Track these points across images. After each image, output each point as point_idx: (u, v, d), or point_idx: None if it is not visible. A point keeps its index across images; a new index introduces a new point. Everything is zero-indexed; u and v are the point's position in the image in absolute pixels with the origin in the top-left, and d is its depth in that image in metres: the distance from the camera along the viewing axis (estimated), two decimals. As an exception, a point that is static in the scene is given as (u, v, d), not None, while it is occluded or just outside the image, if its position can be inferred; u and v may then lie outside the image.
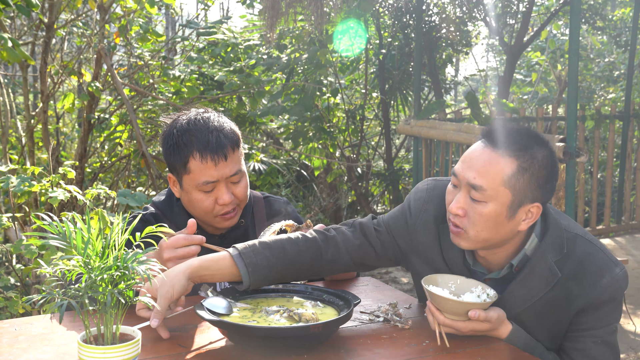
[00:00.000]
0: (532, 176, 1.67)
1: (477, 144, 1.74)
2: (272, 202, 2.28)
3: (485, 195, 1.66)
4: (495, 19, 7.42)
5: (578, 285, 1.72)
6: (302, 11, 6.40)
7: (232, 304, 1.70)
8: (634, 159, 6.79)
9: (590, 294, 1.71)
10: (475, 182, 1.67)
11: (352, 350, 1.62)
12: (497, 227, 1.69)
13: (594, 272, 1.71)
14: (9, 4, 3.30)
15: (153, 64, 5.37)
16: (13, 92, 6.86)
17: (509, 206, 1.67)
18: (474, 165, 1.69)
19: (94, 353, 1.37)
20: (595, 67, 10.79)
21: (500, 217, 1.67)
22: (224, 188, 2.02)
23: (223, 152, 1.99)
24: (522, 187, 1.66)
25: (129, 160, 5.50)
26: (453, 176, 1.74)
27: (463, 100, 12.36)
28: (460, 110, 8.63)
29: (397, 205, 2.01)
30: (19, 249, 2.81)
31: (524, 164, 1.66)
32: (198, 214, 2.08)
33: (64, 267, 1.36)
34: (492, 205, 1.67)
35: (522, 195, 1.67)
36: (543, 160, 1.68)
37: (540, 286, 1.73)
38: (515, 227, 1.71)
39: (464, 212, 1.70)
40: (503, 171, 1.65)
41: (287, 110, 6.37)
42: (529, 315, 1.76)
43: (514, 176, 1.65)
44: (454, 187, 1.75)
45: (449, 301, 1.65)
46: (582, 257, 1.73)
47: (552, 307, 1.75)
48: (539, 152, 1.68)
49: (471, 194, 1.68)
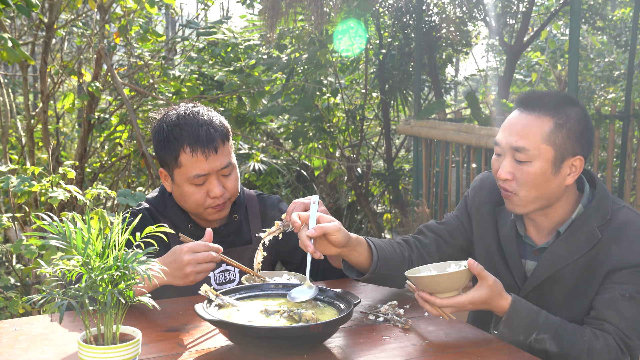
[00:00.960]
0: (570, 131, 1.80)
1: (513, 112, 1.87)
2: (265, 199, 2.30)
3: (529, 154, 1.79)
4: (495, 19, 7.42)
5: (616, 246, 1.79)
6: (302, 11, 6.40)
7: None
8: (634, 159, 6.79)
9: (627, 253, 1.78)
10: (518, 145, 1.80)
11: (352, 350, 1.62)
12: (545, 183, 1.81)
13: (633, 235, 1.81)
14: (9, 4, 3.30)
15: (153, 64, 5.37)
16: (13, 92, 6.86)
17: (553, 162, 1.80)
18: (514, 130, 1.82)
19: (94, 353, 1.37)
20: (595, 67, 10.79)
21: (547, 173, 1.80)
22: (215, 181, 2.04)
23: (213, 145, 2.02)
24: (561, 142, 1.79)
25: (129, 160, 5.50)
26: (496, 146, 1.88)
27: (463, 100, 12.35)
28: (460, 110, 8.64)
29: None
30: (19, 249, 2.81)
31: (560, 121, 1.80)
32: (190, 207, 2.10)
33: (64, 267, 1.36)
34: (537, 163, 1.80)
35: (563, 150, 1.80)
36: (577, 116, 1.82)
37: (580, 246, 1.82)
38: (562, 183, 1.83)
39: (512, 176, 1.83)
40: (542, 130, 1.79)
41: (287, 110, 6.37)
42: (568, 275, 1.84)
43: (552, 133, 1.79)
44: (498, 156, 1.88)
45: (442, 276, 1.67)
46: (624, 222, 1.82)
47: (591, 269, 1.82)
48: (571, 109, 1.82)
49: (516, 157, 1.81)
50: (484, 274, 1.69)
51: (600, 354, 1.71)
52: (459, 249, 2.07)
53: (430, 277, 1.69)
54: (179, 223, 2.13)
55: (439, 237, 2.06)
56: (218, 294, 1.71)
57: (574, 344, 1.71)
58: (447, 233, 2.07)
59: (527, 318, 1.72)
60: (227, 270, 2.16)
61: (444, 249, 2.05)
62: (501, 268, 1.97)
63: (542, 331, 1.70)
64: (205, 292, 1.69)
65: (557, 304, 1.87)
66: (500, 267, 1.97)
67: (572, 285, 1.84)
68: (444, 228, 2.08)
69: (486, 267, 1.92)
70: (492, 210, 2.01)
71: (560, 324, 1.74)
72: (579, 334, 1.74)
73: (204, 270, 1.83)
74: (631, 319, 1.75)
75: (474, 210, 2.05)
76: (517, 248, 1.94)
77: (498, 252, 1.98)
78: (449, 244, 2.06)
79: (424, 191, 6.13)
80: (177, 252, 1.83)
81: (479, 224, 2.03)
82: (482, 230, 2.02)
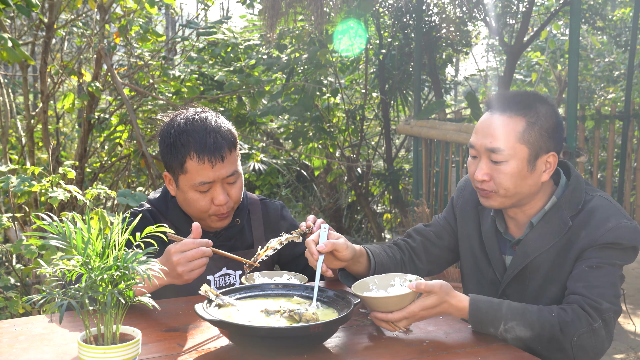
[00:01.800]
0: (542, 128, 1.85)
1: (484, 115, 1.92)
2: (268, 204, 2.29)
3: (505, 154, 1.84)
4: (495, 19, 7.42)
5: (585, 230, 1.84)
6: (302, 11, 6.40)
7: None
8: (634, 159, 6.79)
9: (595, 236, 1.82)
10: (493, 146, 1.85)
11: (353, 351, 1.62)
12: (522, 181, 1.86)
13: (600, 218, 1.84)
14: (9, 4, 3.30)
15: (153, 64, 5.36)
16: (13, 92, 6.86)
17: (528, 160, 1.85)
18: (487, 132, 1.87)
19: (94, 353, 1.37)
20: (595, 67, 10.79)
21: (523, 171, 1.85)
22: (220, 189, 2.03)
23: (220, 154, 2.00)
24: (535, 139, 1.84)
25: (129, 160, 5.50)
26: (471, 148, 1.91)
27: (463, 100, 12.36)
28: (460, 110, 8.64)
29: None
30: (19, 249, 2.81)
31: (531, 119, 1.85)
32: (193, 213, 2.09)
33: (64, 267, 1.36)
34: (512, 162, 1.84)
35: (537, 147, 1.85)
36: (547, 113, 1.87)
37: (553, 235, 1.88)
38: (538, 179, 1.88)
39: (489, 177, 1.88)
40: (515, 129, 1.84)
41: (287, 110, 6.37)
42: (543, 263, 1.89)
43: (525, 132, 1.84)
44: (474, 158, 1.92)
45: (394, 298, 1.68)
46: (592, 208, 1.87)
47: (562, 255, 1.87)
48: (541, 107, 1.87)
49: (491, 158, 1.86)
50: (429, 287, 1.70)
51: (572, 325, 1.72)
52: (446, 249, 2.15)
53: (379, 298, 1.70)
54: (181, 225, 2.12)
55: (426, 239, 2.14)
56: (218, 294, 1.71)
57: (544, 323, 1.73)
58: (433, 235, 2.14)
59: (490, 311, 1.73)
60: (227, 274, 2.16)
61: (431, 251, 2.14)
62: (483, 264, 2.03)
63: (509, 320, 1.72)
64: (206, 292, 1.69)
65: (535, 293, 1.92)
66: (482, 263, 2.03)
67: (547, 272, 1.89)
68: (430, 230, 2.15)
69: (470, 264, 2.06)
70: (475, 208, 2.07)
71: (524, 308, 1.76)
72: (546, 311, 1.75)
73: (196, 267, 1.80)
74: (600, 285, 1.78)
75: (459, 211, 2.12)
76: (497, 244, 2.00)
77: (480, 248, 2.04)
78: (435, 246, 2.14)
79: (424, 191, 6.13)
80: (167, 253, 1.82)
81: (463, 222, 2.10)
82: (466, 229, 2.09)
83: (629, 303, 4.87)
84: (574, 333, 1.72)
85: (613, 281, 1.80)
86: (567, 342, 1.72)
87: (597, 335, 1.74)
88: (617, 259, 1.82)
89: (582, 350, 1.73)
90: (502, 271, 1.98)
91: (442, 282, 1.72)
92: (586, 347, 1.73)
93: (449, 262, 2.19)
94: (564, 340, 1.72)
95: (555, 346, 1.73)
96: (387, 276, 1.84)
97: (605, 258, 1.81)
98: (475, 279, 2.06)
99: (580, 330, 1.72)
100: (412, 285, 1.69)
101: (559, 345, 1.72)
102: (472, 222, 2.07)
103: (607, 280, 1.79)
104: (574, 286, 1.81)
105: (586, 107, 6.96)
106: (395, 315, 1.69)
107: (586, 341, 1.73)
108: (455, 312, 1.74)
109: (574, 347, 1.73)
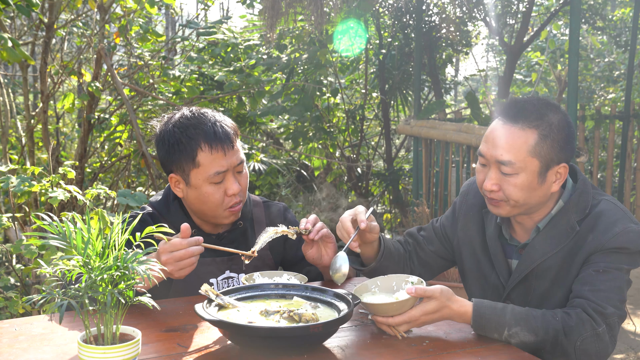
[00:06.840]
0: (554, 140, 1.81)
1: (495, 122, 1.87)
2: (271, 206, 2.29)
3: (515, 167, 1.81)
4: (495, 19, 7.42)
5: (592, 235, 1.82)
6: (302, 11, 6.40)
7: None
8: (634, 159, 6.79)
9: (602, 240, 1.80)
10: (503, 159, 1.81)
11: (352, 351, 1.62)
12: (532, 192, 1.84)
13: (607, 222, 1.83)
14: (9, 3, 3.30)
15: (153, 64, 5.36)
16: (13, 92, 6.86)
17: (539, 172, 1.82)
18: (498, 143, 1.83)
19: (94, 353, 1.37)
20: (595, 67, 10.79)
21: (533, 183, 1.82)
22: (232, 177, 2.05)
23: (230, 140, 2.04)
24: (546, 152, 1.81)
25: (129, 160, 5.50)
26: (480, 156, 1.89)
27: (463, 100, 12.35)
28: (460, 110, 8.64)
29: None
30: (19, 249, 2.81)
31: (544, 132, 1.81)
32: (208, 209, 2.07)
33: (64, 267, 1.35)
34: (523, 175, 1.82)
35: (549, 160, 1.82)
36: (559, 124, 1.83)
37: (559, 240, 1.86)
38: (548, 190, 1.86)
39: (498, 187, 1.85)
40: (527, 142, 1.80)
41: (287, 110, 6.37)
42: (549, 268, 1.88)
43: (537, 145, 1.80)
44: (483, 166, 1.90)
45: (394, 304, 1.67)
46: (599, 212, 1.86)
47: (569, 260, 1.86)
48: (553, 117, 1.83)
49: (501, 169, 1.83)
50: (428, 292, 1.69)
51: (576, 329, 1.72)
52: (433, 255, 2.16)
53: (380, 305, 1.69)
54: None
55: (417, 243, 2.18)
56: (218, 294, 1.71)
57: (548, 327, 1.72)
58: (422, 240, 2.17)
59: (494, 317, 1.72)
60: (230, 277, 2.15)
61: (420, 255, 2.17)
62: (487, 268, 2.01)
63: (513, 325, 1.71)
64: (206, 292, 1.69)
65: (541, 298, 1.91)
66: (486, 267, 2.01)
67: (553, 277, 1.88)
68: (421, 235, 2.18)
69: (473, 268, 2.04)
70: (479, 212, 2.05)
71: (528, 313, 1.75)
72: (549, 316, 1.75)
73: (185, 267, 1.82)
74: (605, 289, 1.77)
75: (462, 215, 2.10)
76: (501, 248, 1.98)
77: (484, 253, 2.02)
78: (424, 251, 2.17)
79: (424, 191, 6.13)
80: (157, 252, 1.83)
81: (466, 227, 2.08)
82: (470, 233, 2.07)
83: (629, 303, 4.87)
84: (577, 337, 1.72)
85: (619, 285, 1.79)
86: (570, 347, 1.72)
87: (600, 339, 1.73)
88: (624, 264, 1.81)
89: (585, 355, 1.73)
90: (507, 275, 1.96)
91: (442, 287, 1.72)
92: (590, 352, 1.73)
93: (440, 268, 2.19)
94: (568, 344, 1.72)
95: (559, 351, 1.73)
96: (389, 278, 1.83)
97: (612, 262, 1.80)
98: (479, 283, 2.05)
99: (583, 334, 1.72)
100: (411, 290, 1.68)
101: (562, 349, 1.72)
102: (475, 226, 2.05)
103: (613, 284, 1.78)
104: (579, 289, 1.80)
105: (586, 107, 6.96)
106: (396, 319, 1.69)
107: (590, 345, 1.72)
108: (457, 318, 1.74)
109: (578, 352, 1.72)
